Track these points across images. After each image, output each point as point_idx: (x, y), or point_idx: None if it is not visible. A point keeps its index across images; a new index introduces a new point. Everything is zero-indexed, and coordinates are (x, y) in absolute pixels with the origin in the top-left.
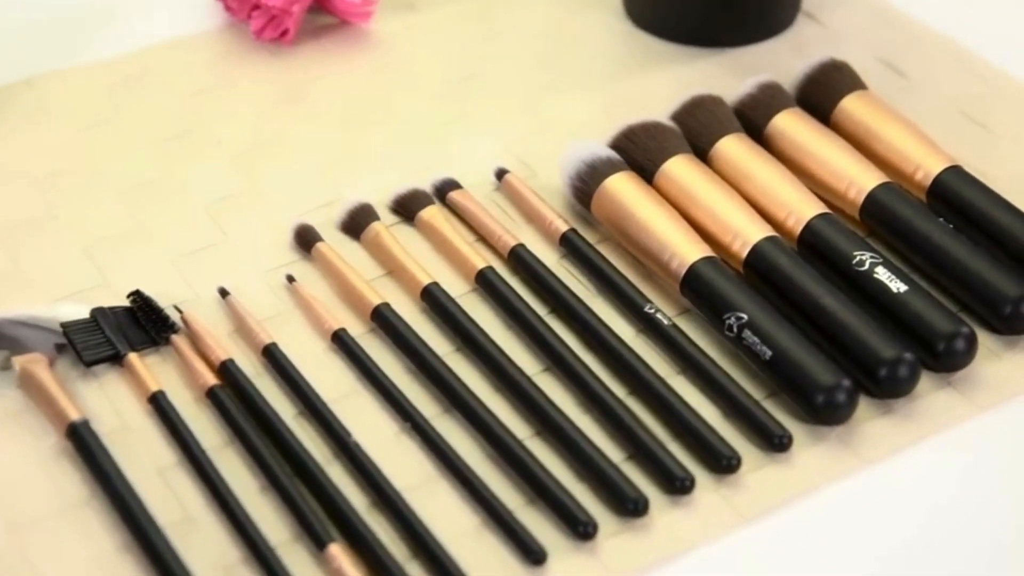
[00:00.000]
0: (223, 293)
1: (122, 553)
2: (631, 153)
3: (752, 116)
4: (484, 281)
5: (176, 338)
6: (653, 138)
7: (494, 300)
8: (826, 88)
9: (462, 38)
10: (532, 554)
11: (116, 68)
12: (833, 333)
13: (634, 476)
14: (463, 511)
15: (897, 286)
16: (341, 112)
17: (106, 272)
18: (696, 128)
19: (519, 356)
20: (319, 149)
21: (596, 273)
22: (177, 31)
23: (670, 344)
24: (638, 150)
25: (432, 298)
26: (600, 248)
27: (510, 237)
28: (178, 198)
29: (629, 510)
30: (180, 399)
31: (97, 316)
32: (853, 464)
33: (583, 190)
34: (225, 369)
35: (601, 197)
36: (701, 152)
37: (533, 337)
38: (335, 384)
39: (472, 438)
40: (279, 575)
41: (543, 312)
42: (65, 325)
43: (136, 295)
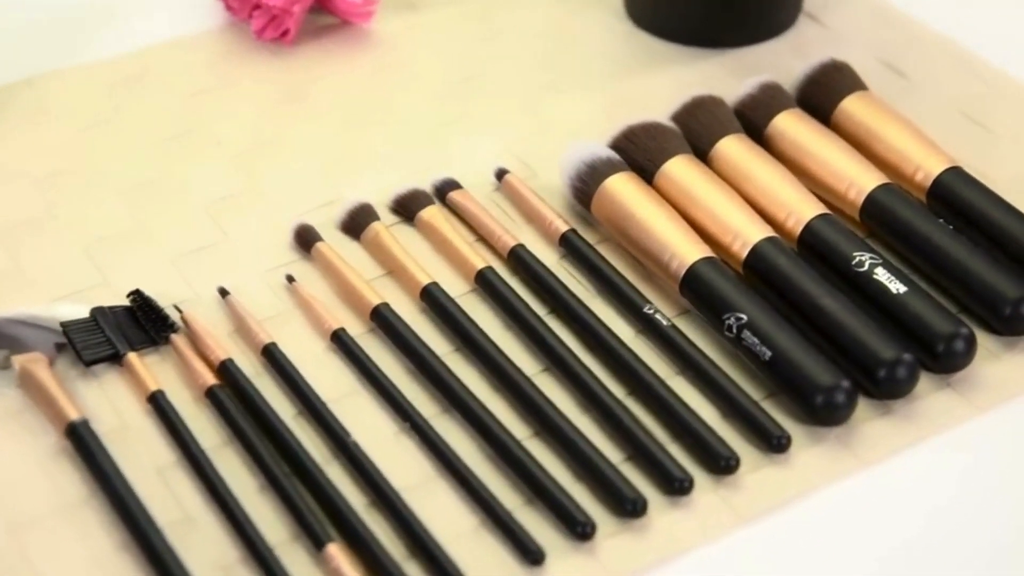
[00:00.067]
0: (223, 293)
1: (121, 552)
2: (631, 153)
3: (752, 117)
4: (484, 281)
5: (176, 338)
6: (653, 138)
7: (494, 300)
8: (826, 89)
9: (463, 38)
10: (530, 554)
11: (116, 68)
12: (832, 334)
13: (633, 477)
14: (462, 511)
15: (897, 287)
16: (342, 112)
17: (106, 272)
18: (696, 129)
19: (518, 356)
20: (319, 149)
21: (596, 273)
22: (177, 31)
23: (669, 345)
24: (638, 150)
25: (432, 298)
26: (600, 248)
27: (510, 237)
28: (178, 198)
29: (628, 510)
30: (179, 399)
31: (97, 316)
32: (852, 465)
33: (583, 190)
34: (224, 369)
35: (601, 197)
36: (701, 153)
37: (532, 337)
38: (334, 384)
39: (471, 438)
40: (278, 575)
41: (542, 312)
42: (65, 324)
43: (136, 295)
